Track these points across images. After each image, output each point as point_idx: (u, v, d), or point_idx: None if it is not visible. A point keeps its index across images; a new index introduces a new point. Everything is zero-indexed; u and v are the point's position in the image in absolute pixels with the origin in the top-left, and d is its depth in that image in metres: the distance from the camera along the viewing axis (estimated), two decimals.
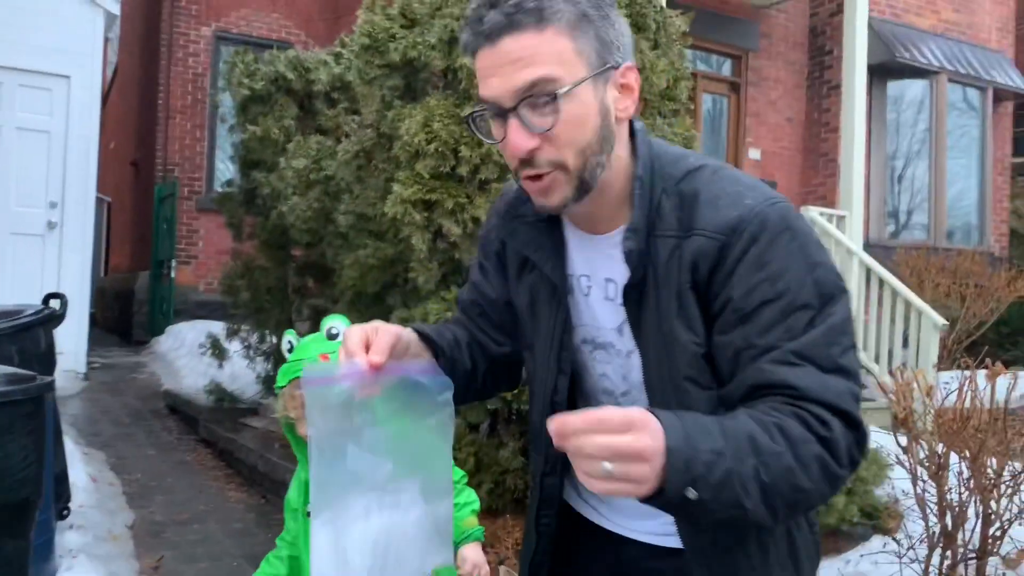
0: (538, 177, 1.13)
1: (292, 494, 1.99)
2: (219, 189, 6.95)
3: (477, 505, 2.14)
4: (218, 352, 6.41)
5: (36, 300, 3.79)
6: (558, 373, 1.30)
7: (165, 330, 9.23)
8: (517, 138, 1.10)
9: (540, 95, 1.09)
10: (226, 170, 9.56)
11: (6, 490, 2.11)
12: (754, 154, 9.91)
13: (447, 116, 3.62)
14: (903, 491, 3.51)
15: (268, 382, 6.55)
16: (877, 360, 7.16)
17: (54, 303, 3.85)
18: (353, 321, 1.85)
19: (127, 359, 9.11)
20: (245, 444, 5.27)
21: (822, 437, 1.01)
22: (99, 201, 12.32)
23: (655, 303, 1.17)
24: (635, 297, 1.19)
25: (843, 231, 8.02)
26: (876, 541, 3.75)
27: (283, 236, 5.59)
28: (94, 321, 10.96)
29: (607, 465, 0.89)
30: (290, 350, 1.85)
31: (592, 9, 1.12)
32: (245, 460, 5.22)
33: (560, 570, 1.44)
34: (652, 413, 0.94)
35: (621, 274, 1.21)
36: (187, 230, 9.88)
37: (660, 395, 1.18)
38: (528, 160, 1.12)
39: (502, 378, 1.45)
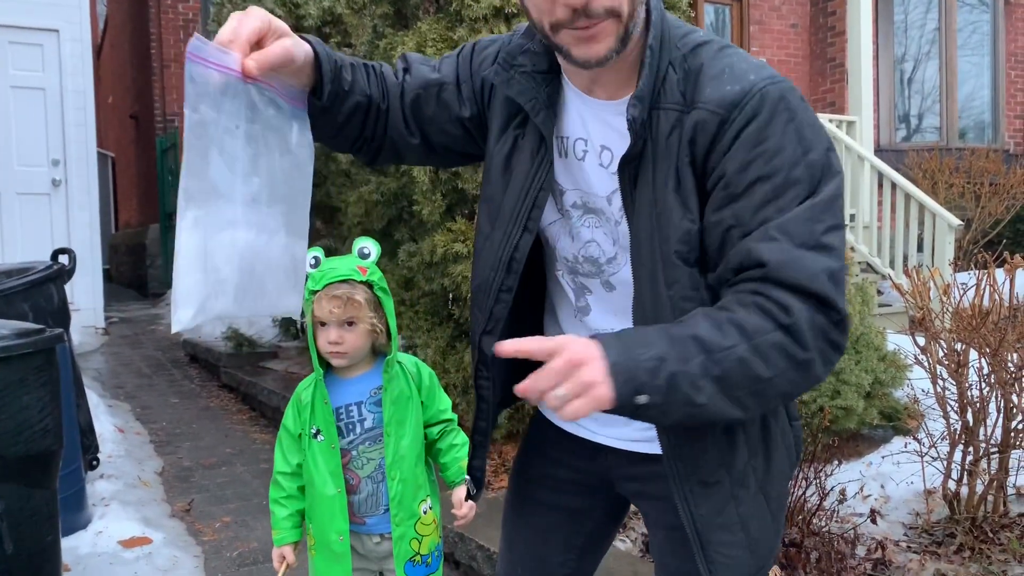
0: (588, 26, 1.08)
1: (288, 421, 1.96)
2: None
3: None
4: None
5: (47, 258, 3.79)
6: (524, 231, 1.25)
7: None
8: None
9: None
10: None
11: (26, 441, 2.13)
12: None
13: (440, 40, 3.53)
14: (923, 390, 3.50)
15: (285, 325, 6.59)
16: (892, 265, 7.11)
17: (63, 258, 3.86)
18: None
19: (144, 312, 9.18)
20: (266, 387, 5.32)
21: (782, 324, 1.02)
22: (103, 157, 12.27)
23: (651, 176, 1.15)
24: (632, 169, 1.16)
25: (853, 137, 7.87)
26: (897, 442, 3.76)
27: None
28: (109, 277, 11.04)
29: (560, 391, 0.96)
30: (315, 265, 1.84)
31: None
32: (267, 402, 5.27)
33: (535, 461, 1.49)
34: (593, 339, 1.00)
35: (618, 143, 1.19)
36: None
37: (648, 268, 1.16)
38: (583, 9, 1.06)
39: (369, 136, 1.33)
